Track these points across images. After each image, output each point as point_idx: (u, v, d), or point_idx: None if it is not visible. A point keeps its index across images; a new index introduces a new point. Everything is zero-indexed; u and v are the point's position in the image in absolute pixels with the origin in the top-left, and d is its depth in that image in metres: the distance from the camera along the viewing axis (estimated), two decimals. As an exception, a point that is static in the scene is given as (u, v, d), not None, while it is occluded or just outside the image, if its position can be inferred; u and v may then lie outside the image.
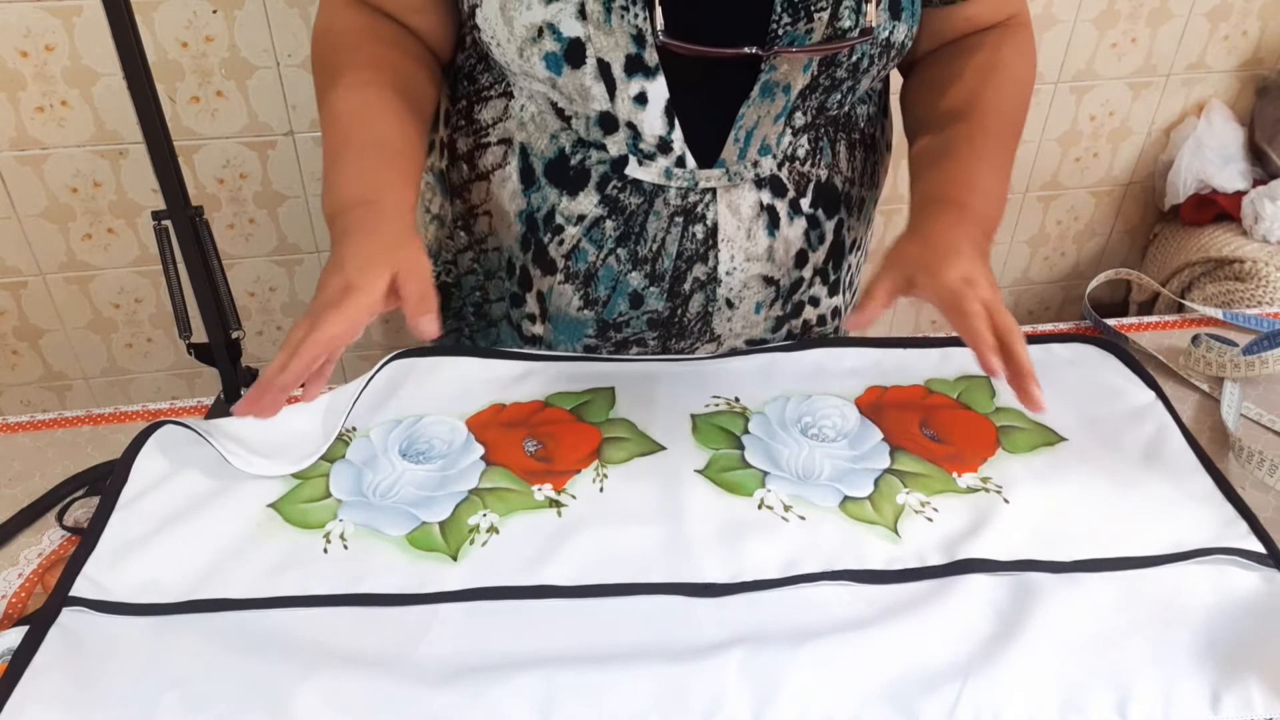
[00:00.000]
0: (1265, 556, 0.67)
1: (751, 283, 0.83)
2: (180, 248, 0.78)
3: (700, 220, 0.79)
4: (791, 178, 0.80)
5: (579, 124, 0.76)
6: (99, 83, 1.57)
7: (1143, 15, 1.79)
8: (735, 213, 0.79)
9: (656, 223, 0.79)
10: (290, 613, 0.64)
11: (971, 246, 0.71)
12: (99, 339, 1.87)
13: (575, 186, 0.78)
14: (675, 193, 0.77)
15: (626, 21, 0.69)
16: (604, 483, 0.74)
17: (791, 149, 0.79)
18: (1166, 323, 0.95)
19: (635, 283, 0.82)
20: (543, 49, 0.71)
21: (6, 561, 0.70)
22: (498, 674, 0.59)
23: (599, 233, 0.80)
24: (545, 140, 0.78)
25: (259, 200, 1.74)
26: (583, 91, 0.72)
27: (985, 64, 0.82)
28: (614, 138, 0.76)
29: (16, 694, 0.58)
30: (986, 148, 0.78)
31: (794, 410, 0.81)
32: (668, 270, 0.81)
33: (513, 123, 0.79)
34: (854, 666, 0.60)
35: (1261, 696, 0.58)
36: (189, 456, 0.75)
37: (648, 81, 0.72)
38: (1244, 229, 1.80)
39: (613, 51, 0.70)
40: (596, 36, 0.69)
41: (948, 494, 0.73)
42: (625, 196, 0.78)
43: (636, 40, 0.69)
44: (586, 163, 0.78)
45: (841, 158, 0.83)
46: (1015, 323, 0.69)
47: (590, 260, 0.81)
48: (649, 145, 0.75)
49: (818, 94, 0.75)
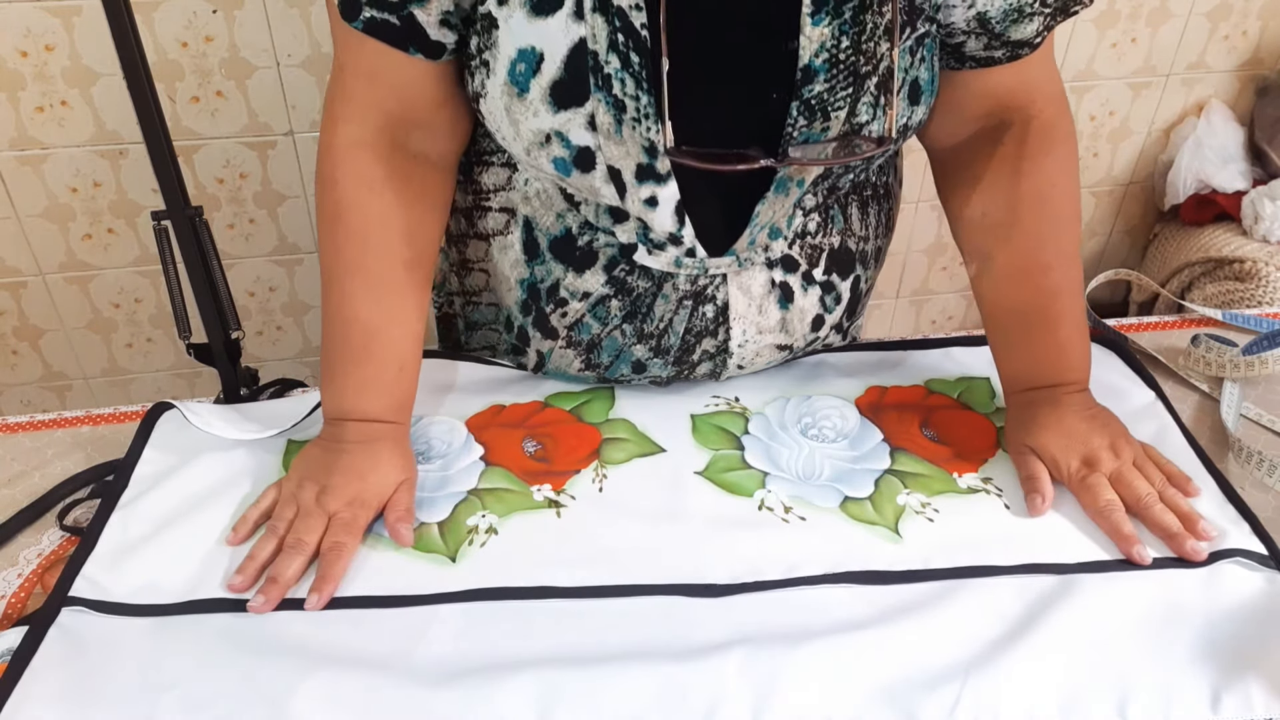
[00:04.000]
0: (1266, 558, 0.67)
1: (764, 351, 0.81)
2: (180, 248, 0.78)
3: (710, 300, 0.76)
4: (803, 252, 0.77)
5: (587, 210, 0.73)
6: (99, 83, 1.57)
7: (1143, 15, 1.78)
8: (746, 293, 0.76)
9: (664, 305, 0.76)
10: (289, 613, 0.64)
11: (1093, 419, 0.74)
12: (99, 339, 1.87)
13: (582, 265, 0.75)
14: (685, 278, 0.74)
15: (638, 134, 0.65)
16: (603, 483, 0.74)
17: (802, 226, 0.76)
18: (1166, 323, 0.95)
19: (640, 353, 0.79)
20: (551, 154, 0.67)
21: (6, 561, 0.70)
22: (497, 674, 0.59)
23: (604, 310, 0.77)
24: (551, 218, 0.75)
25: (259, 200, 1.74)
26: (592, 190, 0.69)
27: (1038, 196, 0.75)
28: (623, 227, 0.72)
29: (16, 694, 0.58)
30: (1067, 310, 0.76)
31: (794, 411, 0.81)
32: (674, 345, 0.78)
33: (516, 195, 0.76)
34: (854, 667, 0.60)
35: (1262, 697, 0.58)
36: (196, 446, 0.76)
37: (659, 187, 0.68)
38: (1244, 229, 1.80)
39: (623, 160, 0.67)
40: (607, 146, 0.66)
41: (948, 494, 0.73)
42: (633, 279, 0.75)
43: (648, 151, 0.66)
44: (594, 245, 0.74)
45: (854, 220, 0.79)
46: (1146, 487, 0.71)
47: (594, 333, 0.78)
48: (659, 237, 0.72)
49: (829, 179, 0.72)
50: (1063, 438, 0.73)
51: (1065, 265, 0.76)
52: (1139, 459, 0.73)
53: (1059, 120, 0.75)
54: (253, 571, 0.66)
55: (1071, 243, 0.77)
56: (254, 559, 0.67)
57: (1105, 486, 0.71)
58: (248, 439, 0.77)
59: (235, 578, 0.65)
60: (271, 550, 0.67)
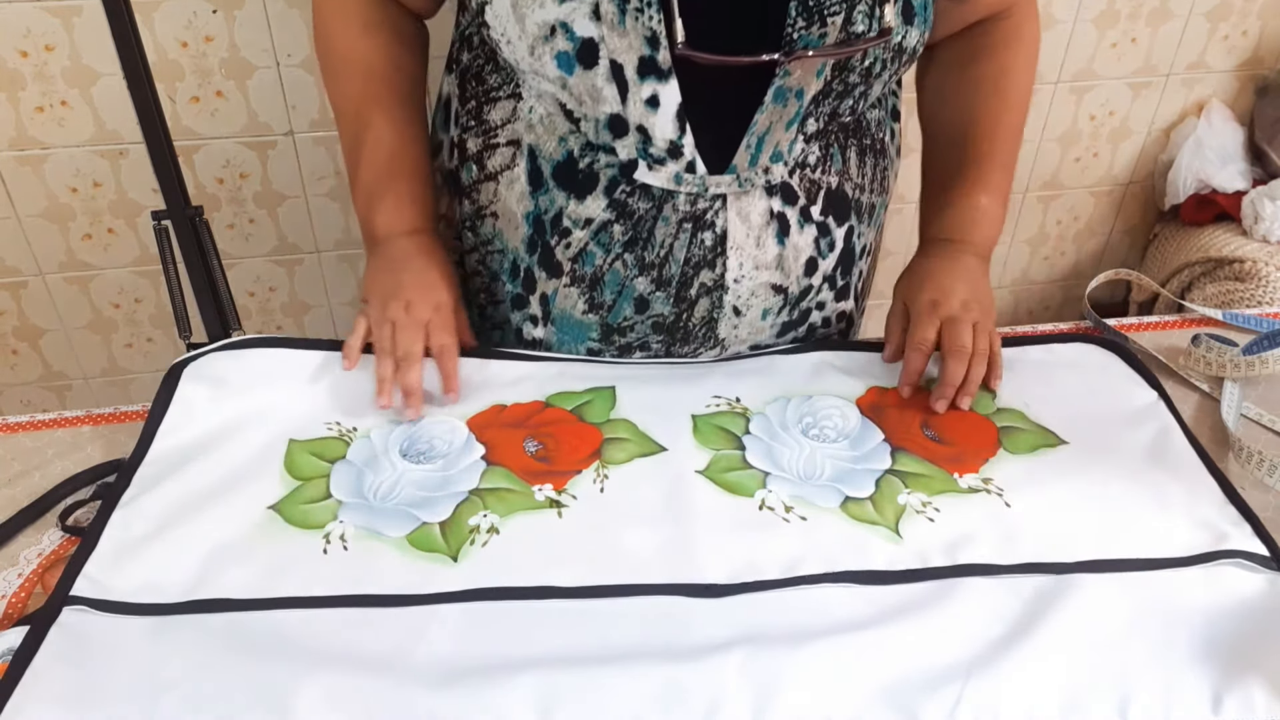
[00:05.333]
0: (1267, 558, 0.67)
1: (760, 290, 0.83)
2: (180, 248, 0.78)
3: (709, 227, 0.78)
4: (802, 185, 0.80)
5: (588, 126, 0.75)
6: (99, 83, 1.56)
7: (1143, 15, 1.78)
8: (745, 220, 0.79)
9: (665, 228, 0.78)
10: (290, 613, 0.64)
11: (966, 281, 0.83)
12: (99, 339, 1.87)
13: (583, 190, 0.78)
14: (685, 199, 0.77)
15: (641, 24, 0.68)
16: (604, 483, 0.74)
17: (803, 156, 0.78)
18: (1166, 323, 0.95)
19: (641, 287, 0.81)
20: (555, 48, 0.70)
21: (6, 561, 0.70)
22: (497, 674, 0.59)
23: (606, 236, 0.79)
24: (554, 143, 0.78)
25: (259, 200, 1.74)
26: (594, 93, 0.72)
27: (990, 77, 0.85)
28: (623, 141, 0.75)
29: (17, 693, 0.58)
30: (988, 176, 0.85)
31: (795, 411, 0.81)
32: (674, 276, 0.81)
33: (521, 124, 0.79)
34: (854, 667, 0.60)
35: (1263, 698, 0.58)
36: (206, 431, 0.77)
37: (660, 84, 0.71)
38: (1244, 229, 1.80)
39: (626, 53, 0.69)
40: (610, 37, 0.69)
41: (949, 495, 0.73)
42: (634, 201, 0.77)
43: (650, 43, 0.69)
44: (595, 166, 0.77)
45: (852, 164, 0.82)
46: (965, 341, 0.80)
47: (597, 264, 0.81)
48: (659, 150, 0.74)
49: (830, 99, 0.75)
50: (929, 282, 0.83)
51: (1000, 140, 0.85)
52: (980, 325, 0.80)
53: (1026, 23, 0.86)
54: (389, 390, 0.78)
55: (1012, 124, 0.86)
56: (383, 379, 0.78)
57: (929, 326, 0.79)
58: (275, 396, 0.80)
59: (380, 400, 0.77)
60: (391, 367, 0.78)
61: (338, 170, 1.73)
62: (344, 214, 1.79)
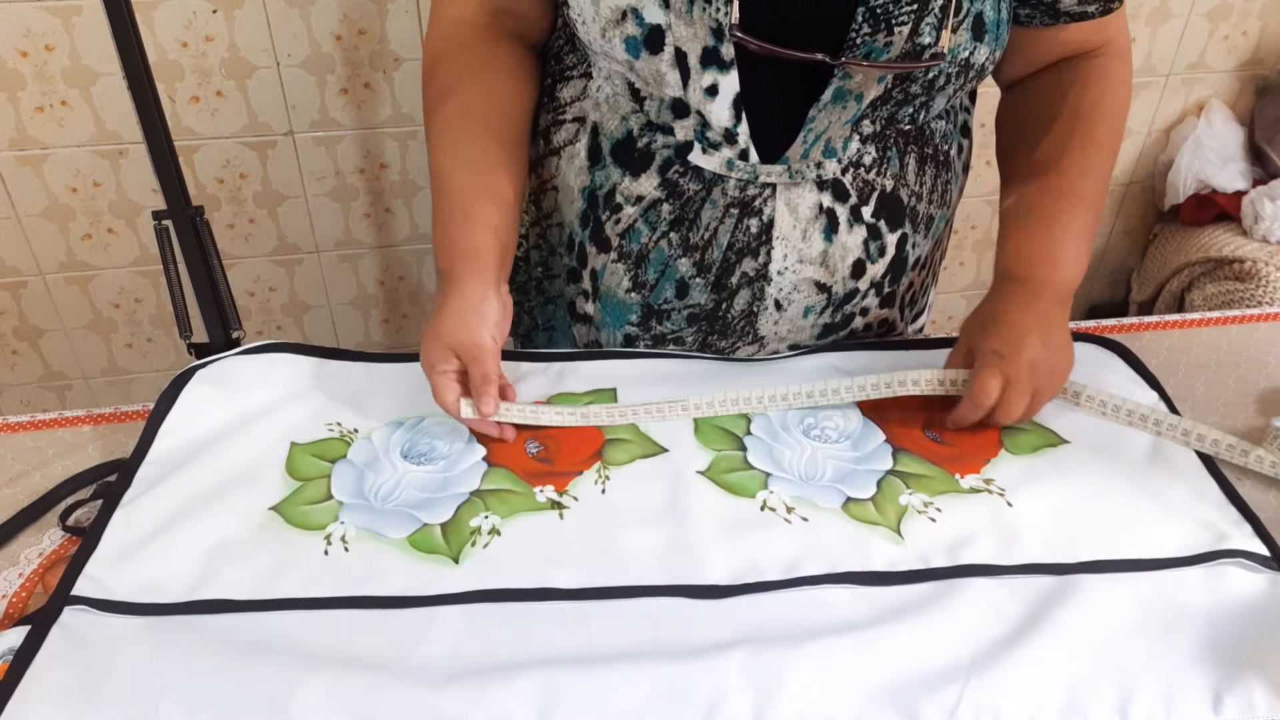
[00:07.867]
0: (1268, 559, 0.67)
1: (802, 286, 0.82)
2: (180, 248, 0.78)
3: (756, 214, 0.78)
4: (855, 184, 0.79)
5: (652, 106, 0.77)
6: (99, 83, 1.57)
7: (1143, 15, 1.79)
8: (793, 211, 0.78)
9: (712, 211, 0.79)
10: (291, 614, 0.64)
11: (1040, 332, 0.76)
12: (99, 339, 1.87)
13: (638, 168, 0.79)
14: (734, 184, 0.77)
15: (708, 15, 0.69)
16: (606, 484, 0.74)
17: (858, 155, 0.78)
18: (1166, 323, 0.95)
19: (684, 269, 0.82)
20: (624, 32, 0.72)
21: (7, 561, 0.70)
22: (498, 676, 0.59)
23: (654, 214, 0.80)
24: (616, 121, 0.79)
25: (259, 200, 1.74)
26: (658, 77, 0.73)
27: (1078, 110, 0.80)
28: (683, 123, 0.76)
29: (18, 693, 0.58)
30: (1071, 213, 0.79)
31: (796, 411, 0.81)
32: (716, 261, 0.80)
33: (589, 102, 0.81)
34: (855, 668, 0.60)
35: (1264, 698, 0.58)
36: (205, 434, 0.77)
37: (720, 74, 0.72)
38: (1244, 229, 1.80)
39: (690, 42, 0.71)
40: (677, 25, 0.70)
41: (950, 495, 0.73)
42: (685, 182, 0.78)
43: (715, 34, 0.70)
44: (652, 146, 0.78)
45: (910, 171, 0.81)
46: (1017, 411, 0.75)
47: (643, 241, 0.81)
48: (715, 135, 0.75)
49: (889, 105, 0.75)
50: (997, 329, 0.76)
51: (1084, 178, 0.80)
52: (1040, 396, 0.76)
53: (1116, 62, 0.81)
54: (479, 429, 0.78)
55: (1098, 163, 0.81)
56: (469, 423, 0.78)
57: (992, 381, 0.74)
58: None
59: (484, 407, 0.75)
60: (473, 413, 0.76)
61: (338, 170, 1.73)
62: (344, 214, 1.80)
